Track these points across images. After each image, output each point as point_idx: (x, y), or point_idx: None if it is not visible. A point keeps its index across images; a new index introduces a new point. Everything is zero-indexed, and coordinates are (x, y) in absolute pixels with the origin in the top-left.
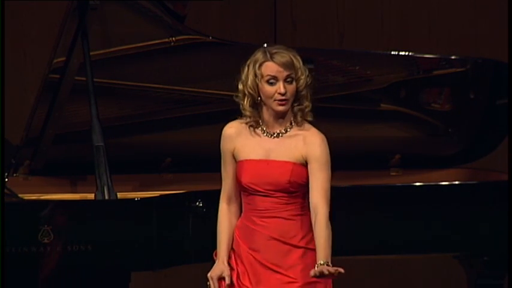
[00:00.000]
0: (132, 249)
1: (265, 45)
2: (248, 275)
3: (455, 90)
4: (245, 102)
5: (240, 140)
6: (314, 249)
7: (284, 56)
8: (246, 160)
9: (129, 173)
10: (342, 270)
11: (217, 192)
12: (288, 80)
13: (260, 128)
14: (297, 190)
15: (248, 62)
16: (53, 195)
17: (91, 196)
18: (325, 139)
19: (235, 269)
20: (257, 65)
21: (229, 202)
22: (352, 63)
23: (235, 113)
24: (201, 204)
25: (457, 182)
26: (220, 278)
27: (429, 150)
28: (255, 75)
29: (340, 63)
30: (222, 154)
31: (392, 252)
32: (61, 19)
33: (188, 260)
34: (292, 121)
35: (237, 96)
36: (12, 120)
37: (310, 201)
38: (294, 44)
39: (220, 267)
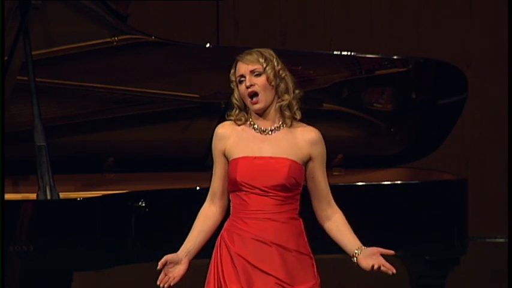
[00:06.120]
0: (74, 249)
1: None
2: (239, 278)
3: (397, 90)
4: (235, 110)
5: (232, 140)
6: (305, 254)
7: (250, 53)
8: (240, 157)
9: (72, 172)
10: (394, 270)
11: (160, 192)
12: (255, 74)
13: (251, 127)
14: (292, 188)
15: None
16: None
17: (33, 196)
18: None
19: (219, 275)
20: (233, 72)
21: (211, 202)
22: (295, 63)
23: (177, 113)
24: (143, 204)
25: (399, 182)
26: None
27: (371, 150)
28: (235, 83)
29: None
30: (213, 154)
31: (333, 252)
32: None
33: (131, 260)
34: (280, 118)
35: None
36: None
37: (318, 199)
38: (237, 44)
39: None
